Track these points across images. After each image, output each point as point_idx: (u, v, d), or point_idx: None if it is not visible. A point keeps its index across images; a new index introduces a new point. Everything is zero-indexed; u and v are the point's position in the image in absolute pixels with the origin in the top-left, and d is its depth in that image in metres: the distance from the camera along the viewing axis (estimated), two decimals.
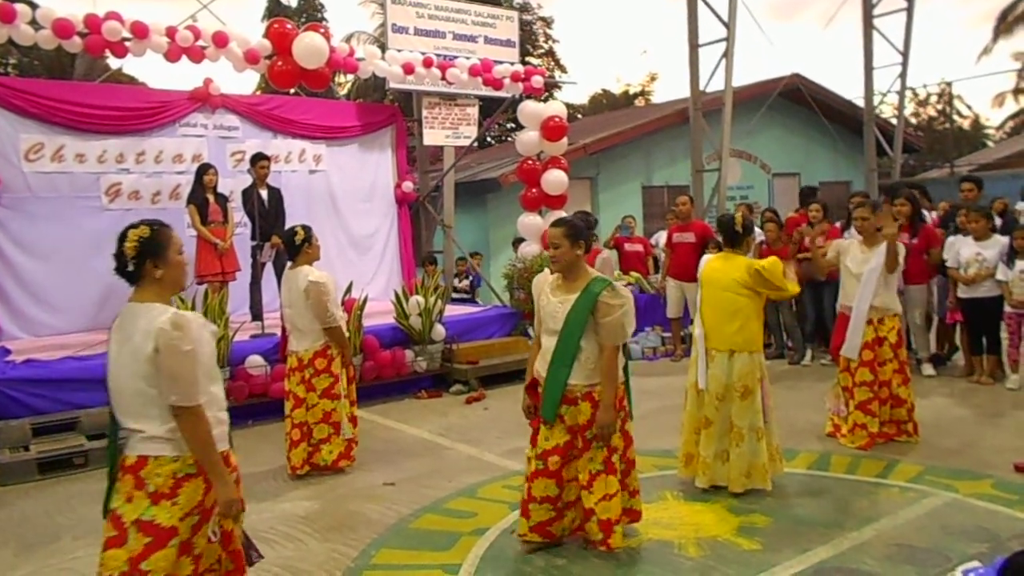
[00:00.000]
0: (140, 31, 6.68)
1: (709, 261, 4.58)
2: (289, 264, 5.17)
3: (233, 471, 2.61)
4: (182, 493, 2.46)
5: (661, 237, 10.40)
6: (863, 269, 5.11)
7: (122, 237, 2.52)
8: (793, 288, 4.41)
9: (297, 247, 5.05)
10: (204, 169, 7.31)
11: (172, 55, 6.93)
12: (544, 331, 3.66)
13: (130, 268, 2.50)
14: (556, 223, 3.63)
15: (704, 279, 4.48)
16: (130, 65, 20.32)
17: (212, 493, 2.49)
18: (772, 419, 4.36)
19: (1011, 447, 4.85)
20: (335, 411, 5.01)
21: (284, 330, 5.35)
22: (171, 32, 6.86)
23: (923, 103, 28.17)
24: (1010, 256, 6.39)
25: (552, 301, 3.60)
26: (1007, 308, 6.45)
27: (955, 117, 27.56)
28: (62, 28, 6.44)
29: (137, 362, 2.44)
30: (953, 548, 3.52)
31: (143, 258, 2.50)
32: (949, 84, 25.85)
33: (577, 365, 3.50)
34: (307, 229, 5.11)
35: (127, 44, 6.73)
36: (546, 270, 3.90)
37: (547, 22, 23.93)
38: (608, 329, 3.47)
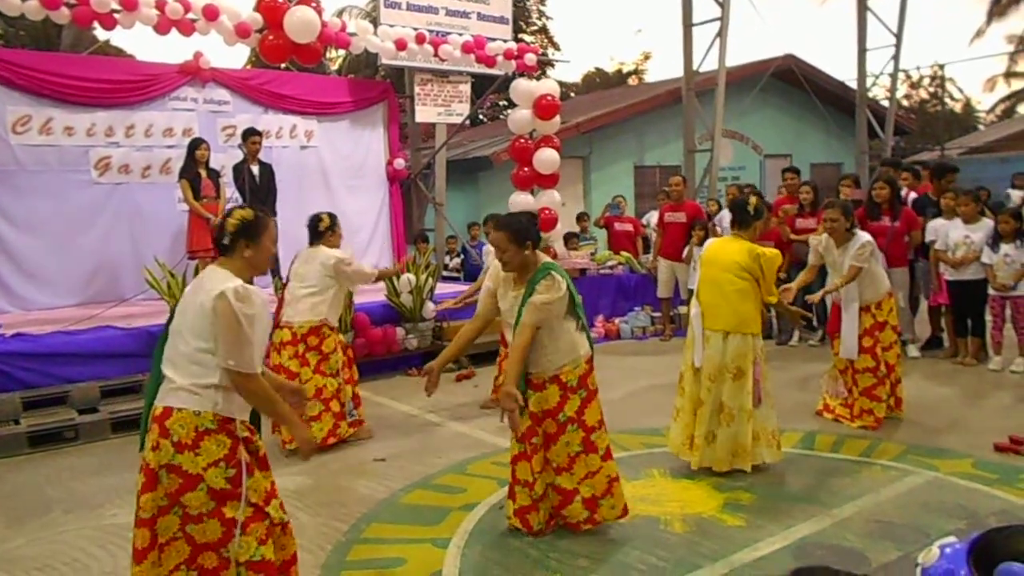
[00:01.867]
0: (129, 3, 6.57)
1: (713, 242, 4.60)
2: (308, 245, 5.21)
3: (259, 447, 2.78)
4: (203, 446, 2.60)
5: (652, 217, 10.44)
6: (845, 262, 5.15)
7: (228, 213, 2.81)
8: (772, 298, 4.39)
9: (321, 233, 5.16)
10: (196, 144, 7.25)
11: (162, 27, 6.84)
12: (505, 325, 3.74)
13: (226, 241, 2.76)
14: (497, 226, 3.61)
15: (705, 259, 4.49)
16: (119, 37, 20.05)
17: (240, 449, 2.65)
18: (768, 403, 4.38)
19: (992, 427, 4.94)
20: (326, 387, 5.05)
21: (281, 300, 5.35)
22: (161, 4, 6.76)
23: (915, 85, 28.19)
24: (995, 240, 6.46)
25: (508, 296, 3.64)
26: (991, 291, 6.53)
27: (947, 100, 27.59)
28: None
29: (194, 315, 2.64)
30: (932, 525, 3.60)
31: (239, 236, 2.75)
32: (942, 67, 25.82)
33: (536, 355, 3.51)
34: (332, 217, 5.26)
35: (116, 16, 6.63)
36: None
37: None
38: (529, 306, 3.42)
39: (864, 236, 5.21)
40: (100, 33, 7.70)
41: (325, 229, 5.14)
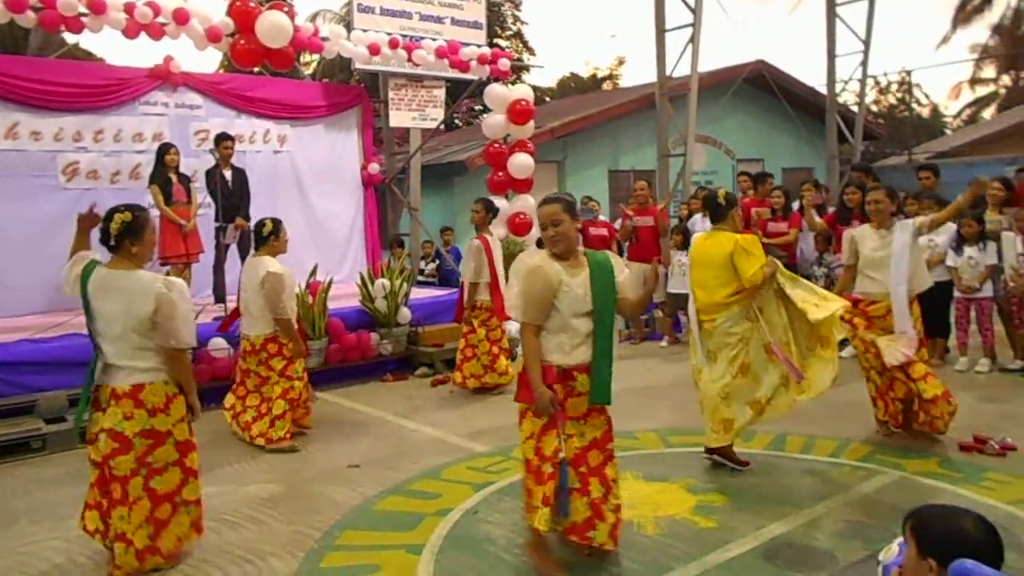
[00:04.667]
0: (97, 6, 6.50)
1: (697, 240, 4.62)
2: (253, 251, 5.21)
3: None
4: (172, 406, 3.39)
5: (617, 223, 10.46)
6: (887, 252, 4.81)
7: (109, 217, 3.37)
8: (754, 276, 4.21)
9: (264, 238, 5.14)
10: (165, 149, 7.17)
11: (131, 32, 6.77)
12: (573, 315, 3.28)
13: (112, 243, 3.33)
14: (551, 200, 3.35)
15: (694, 259, 4.52)
16: (88, 40, 19.82)
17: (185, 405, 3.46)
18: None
19: (957, 427, 5.02)
20: (292, 388, 5.20)
21: (237, 310, 5.56)
22: (130, 8, 6.69)
23: (884, 91, 28.67)
24: (958, 243, 6.59)
25: (574, 284, 3.29)
26: (956, 293, 6.66)
27: (914, 106, 28.11)
28: (14, 2, 6.23)
29: (132, 317, 3.26)
30: (899, 524, 3.64)
31: (123, 237, 3.32)
32: (909, 73, 26.34)
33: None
34: (276, 222, 5.23)
35: (83, 19, 6.55)
36: (530, 254, 3.68)
37: (516, 4, 23.81)
38: (624, 283, 3.38)
39: (908, 220, 4.99)
40: (69, 36, 7.57)
41: (268, 234, 5.15)
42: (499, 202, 8.79)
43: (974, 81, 28.24)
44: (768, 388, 4.38)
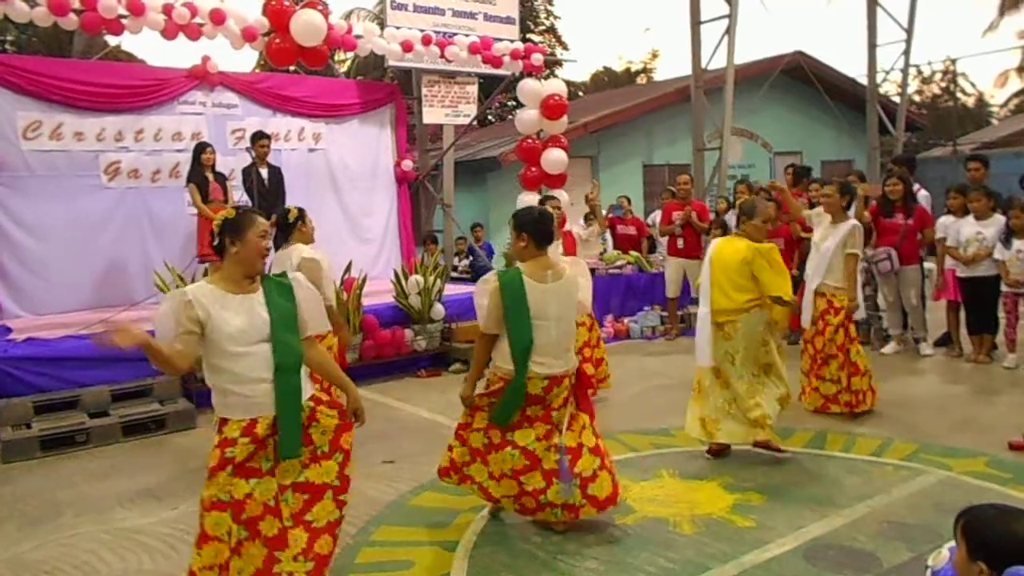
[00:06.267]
0: (136, 8, 6.62)
1: (718, 242, 4.65)
2: (281, 245, 5.17)
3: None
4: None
5: (656, 216, 10.38)
6: (825, 244, 5.36)
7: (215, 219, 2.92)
8: (780, 291, 4.29)
9: (291, 225, 5.04)
10: (201, 148, 7.28)
11: (169, 32, 6.88)
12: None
13: (216, 243, 2.87)
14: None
15: (713, 259, 4.51)
16: (129, 42, 20.22)
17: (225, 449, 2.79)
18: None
19: (1005, 425, 4.89)
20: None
21: None
22: (168, 9, 6.80)
23: (927, 81, 27.95)
24: (1007, 235, 6.38)
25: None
26: (1004, 287, 6.46)
27: (959, 95, 27.35)
28: (57, 5, 6.38)
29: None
30: (945, 525, 3.52)
31: (223, 236, 2.83)
32: (953, 62, 25.60)
33: None
34: (300, 210, 5.12)
35: (123, 21, 6.68)
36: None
37: None
38: None
39: (853, 220, 5.41)
40: (111, 38, 7.71)
41: (295, 220, 4.96)
42: (532, 197, 8.77)
43: (1022, 69, 27.38)
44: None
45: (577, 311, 3.79)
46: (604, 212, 10.20)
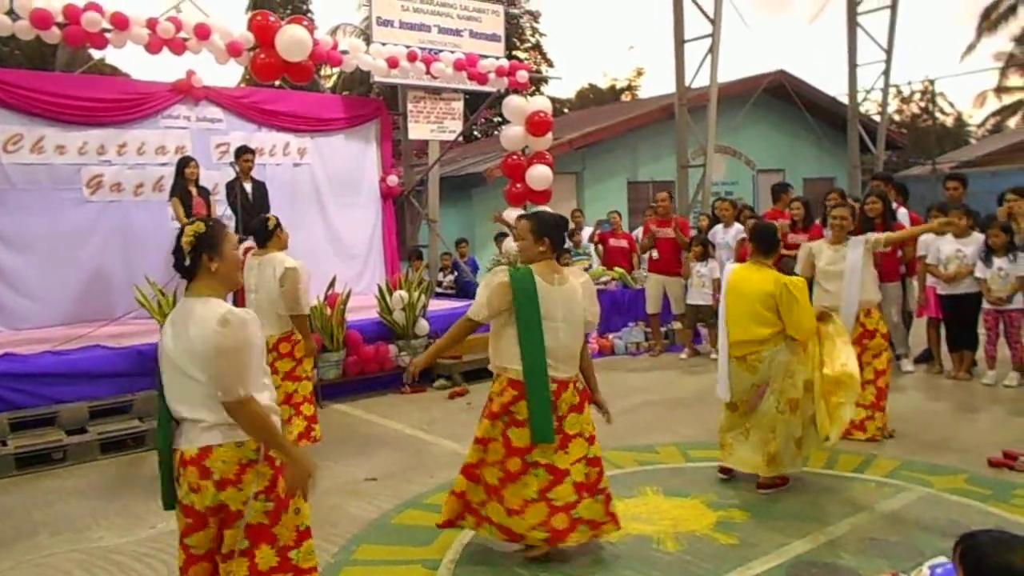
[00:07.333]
0: (120, 22, 6.59)
1: (736, 270, 4.41)
2: (255, 250, 5.17)
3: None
4: (245, 479, 2.48)
5: (640, 233, 10.43)
6: (840, 266, 5.13)
7: (180, 233, 2.56)
8: (810, 331, 4.18)
9: (270, 231, 5.09)
10: (185, 162, 7.24)
11: (153, 47, 6.85)
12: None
13: (187, 262, 2.54)
14: (526, 216, 3.69)
15: (731, 288, 4.32)
16: (113, 56, 20.13)
17: (280, 481, 2.54)
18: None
19: (986, 442, 4.93)
20: (296, 392, 5.10)
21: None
22: (152, 23, 6.78)
23: (907, 100, 28.39)
24: (987, 254, 6.46)
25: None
26: (985, 305, 6.53)
27: (938, 115, 27.79)
28: (40, 18, 6.34)
29: (192, 356, 2.46)
30: (926, 542, 3.57)
31: (199, 252, 2.53)
32: (932, 82, 26.04)
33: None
34: (276, 218, 5.24)
35: (107, 35, 6.65)
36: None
37: (534, 16, 23.89)
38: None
39: (863, 236, 5.27)
40: (95, 52, 7.67)
41: (274, 227, 5.10)
42: (517, 214, 8.79)
43: (1000, 89, 27.87)
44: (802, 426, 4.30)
45: (586, 329, 3.63)
46: (592, 228, 10.28)
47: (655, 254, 8.68)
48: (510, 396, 3.44)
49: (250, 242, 7.03)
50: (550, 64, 24.03)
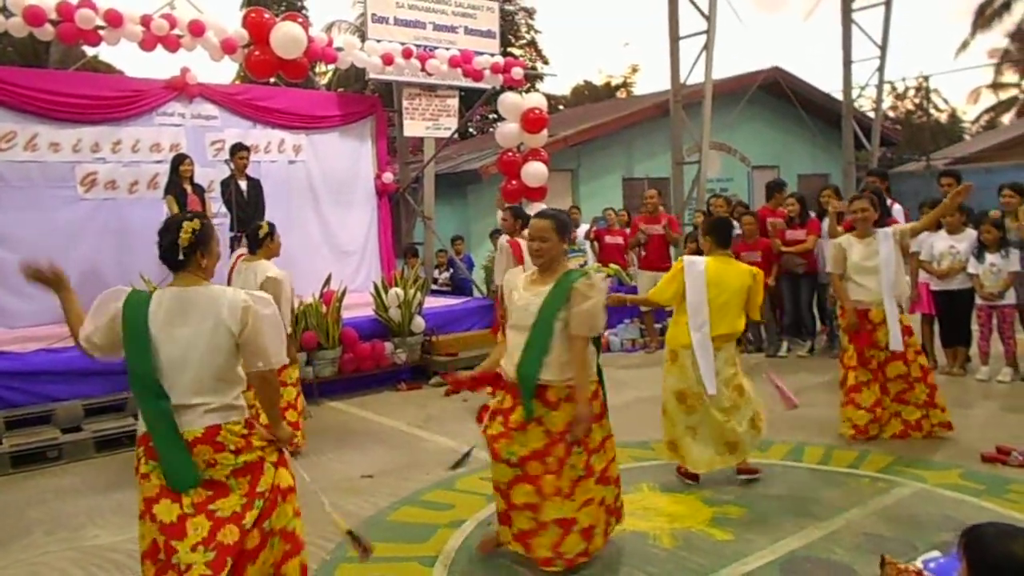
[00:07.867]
0: (114, 19, 6.57)
1: (710, 263, 4.39)
2: (245, 255, 5.20)
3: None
4: (254, 443, 2.75)
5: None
6: (875, 261, 4.95)
7: (176, 228, 2.73)
8: (755, 314, 4.51)
9: (260, 239, 5.12)
10: (180, 160, 7.22)
11: (147, 44, 6.83)
12: (512, 328, 3.42)
13: (181, 257, 2.72)
14: (546, 215, 3.45)
15: (712, 281, 4.31)
16: (108, 53, 20.02)
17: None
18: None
19: (979, 438, 4.95)
20: (282, 396, 5.05)
21: None
22: (146, 20, 6.75)
23: (901, 97, 28.44)
24: (979, 250, 6.49)
25: (525, 295, 3.39)
26: (978, 300, 6.56)
27: (932, 111, 27.85)
28: (33, 15, 6.31)
29: (218, 339, 2.65)
30: (920, 537, 3.59)
31: (194, 248, 2.72)
32: (926, 78, 26.11)
33: (549, 360, 3.25)
34: (271, 225, 5.26)
35: (101, 32, 6.63)
36: (519, 267, 3.85)
37: (529, 13, 23.85)
38: (579, 318, 3.22)
39: (893, 226, 5.15)
40: (89, 49, 7.66)
41: (265, 235, 5.13)
42: None
43: (994, 86, 27.96)
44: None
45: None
46: (588, 224, 10.29)
47: (641, 251, 8.77)
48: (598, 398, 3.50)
49: (243, 248, 7.06)
50: (545, 61, 24.00)
